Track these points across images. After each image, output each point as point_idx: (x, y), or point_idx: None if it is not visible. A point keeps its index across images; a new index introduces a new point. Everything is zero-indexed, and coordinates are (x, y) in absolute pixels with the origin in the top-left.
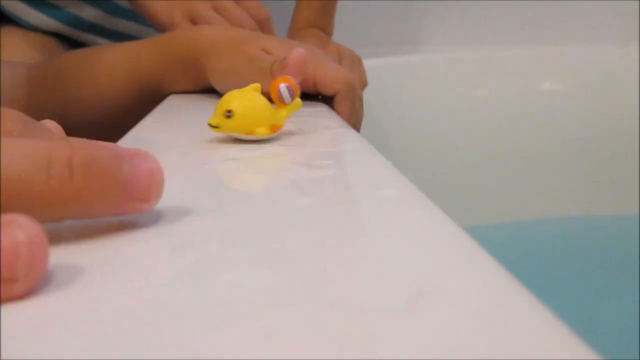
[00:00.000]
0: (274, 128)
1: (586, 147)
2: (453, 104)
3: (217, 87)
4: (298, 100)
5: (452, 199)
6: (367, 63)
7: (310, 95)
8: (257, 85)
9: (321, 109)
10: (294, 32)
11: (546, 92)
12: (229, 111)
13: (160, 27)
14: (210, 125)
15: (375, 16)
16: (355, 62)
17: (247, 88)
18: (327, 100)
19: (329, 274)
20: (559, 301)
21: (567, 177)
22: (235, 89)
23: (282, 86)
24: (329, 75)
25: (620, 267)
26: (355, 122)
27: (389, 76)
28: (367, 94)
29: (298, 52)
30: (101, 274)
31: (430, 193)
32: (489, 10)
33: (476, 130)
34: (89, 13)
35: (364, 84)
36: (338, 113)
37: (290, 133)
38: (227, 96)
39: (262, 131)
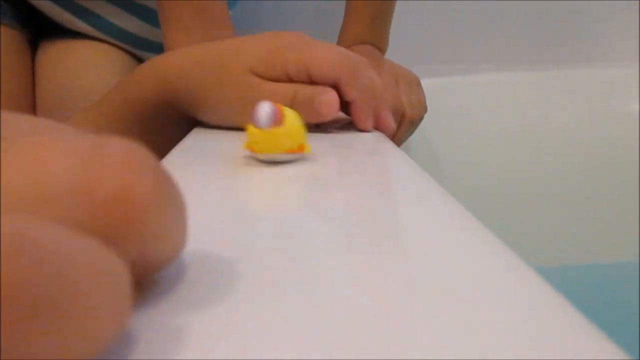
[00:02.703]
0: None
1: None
2: (516, 127)
3: (206, 120)
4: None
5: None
6: (424, 83)
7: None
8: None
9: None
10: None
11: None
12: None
13: None
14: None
15: (428, 33)
16: (413, 85)
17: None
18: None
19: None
20: None
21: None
22: (228, 120)
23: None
24: (324, 60)
25: None
26: (379, 114)
27: (446, 97)
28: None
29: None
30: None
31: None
32: (564, 29)
33: (548, 157)
34: (132, 24)
35: (423, 109)
36: (353, 113)
37: (331, 156)
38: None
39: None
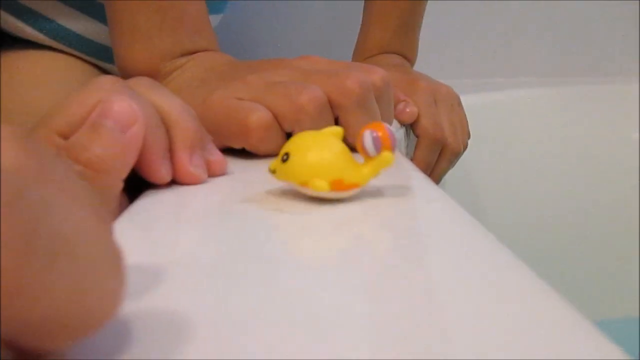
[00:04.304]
0: (340, 185)
1: None
2: (566, 150)
3: None
4: (387, 155)
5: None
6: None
7: None
8: (337, 129)
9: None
10: (363, 59)
11: None
12: (286, 154)
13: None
14: (269, 170)
15: (459, 44)
16: (454, 105)
17: (323, 131)
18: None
19: None
20: None
21: None
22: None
23: (367, 133)
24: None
25: None
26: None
27: (483, 116)
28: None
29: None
30: None
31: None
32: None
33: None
34: (90, 29)
35: (466, 136)
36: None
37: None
38: (294, 137)
39: (319, 185)
